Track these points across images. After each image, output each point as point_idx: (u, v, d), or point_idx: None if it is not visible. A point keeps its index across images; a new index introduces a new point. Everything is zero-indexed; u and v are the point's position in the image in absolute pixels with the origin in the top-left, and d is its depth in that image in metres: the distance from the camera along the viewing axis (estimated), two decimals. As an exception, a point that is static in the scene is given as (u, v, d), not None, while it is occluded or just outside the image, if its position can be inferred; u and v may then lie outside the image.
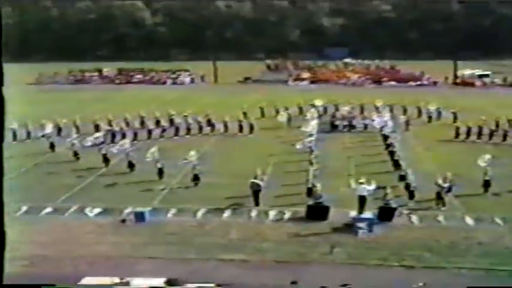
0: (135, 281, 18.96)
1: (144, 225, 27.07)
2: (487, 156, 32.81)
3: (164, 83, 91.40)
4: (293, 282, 18.63)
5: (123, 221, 27.54)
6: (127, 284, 18.69)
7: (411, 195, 29.76)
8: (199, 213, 28.50)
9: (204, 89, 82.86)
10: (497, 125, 46.17)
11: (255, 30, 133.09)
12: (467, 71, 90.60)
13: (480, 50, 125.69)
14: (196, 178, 33.27)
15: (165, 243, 24.97)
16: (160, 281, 19.52)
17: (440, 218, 27.72)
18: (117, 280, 18.79)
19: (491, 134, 45.06)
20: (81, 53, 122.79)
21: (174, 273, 20.98)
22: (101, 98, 70.39)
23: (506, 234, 25.83)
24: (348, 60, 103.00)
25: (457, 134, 45.70)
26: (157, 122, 48.96)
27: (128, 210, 28.53)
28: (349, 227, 26.30)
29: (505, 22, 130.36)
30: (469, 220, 27.47)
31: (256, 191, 29.90)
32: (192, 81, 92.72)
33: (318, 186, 29.26)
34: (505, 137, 44.55)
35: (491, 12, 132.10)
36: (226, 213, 28.58)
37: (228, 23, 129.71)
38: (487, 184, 31.40)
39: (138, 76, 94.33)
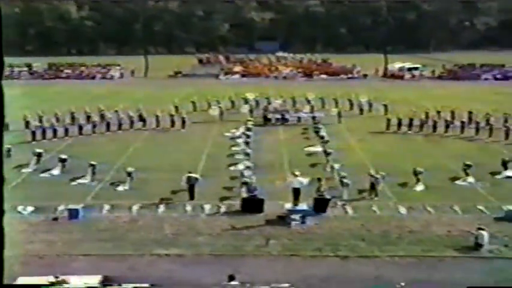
0: (71, 279, 18.51)
1: (78, 223, 26.42)
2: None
3: (93, 77, 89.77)
4: (230, 277, 18.45)
5: (56, 218, 26.83)
6: (62, 282, 18.22)
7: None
8: (134, 209, 28.03)
9: (134, 84, 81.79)
10: (427, 116, 47.10)
11: (183, 24, 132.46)
12: (397, 64, 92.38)
13: (407, 44, 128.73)
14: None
15: (100, 239, 24.43)
16: (96, 278, 19.12)
17: (375, 207, 28.09)
18: (52, 279, 18.30)
19: (421, 125, 45.97)
20: (8, 48, 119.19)
21: (110, 269, 20.66)
22: (30, 94, 68.50)
23: (436, 221, 26.38)
24: (280, 53, 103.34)
25: (388, 126, 46.40)
26: (88, 118, 47.96)
27: (61, 207, 27.83)
28: (284, 219, 26.35)
29: (428, 17, 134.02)
30: (402, 209, 27.92)
31: (192, 185, 29.68)
32: (122, 75, 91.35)
33: (253, 179, 29.32)
34: (434, 127, 45.51)
35: (415, 7, 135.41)
36: (161, 208, 28.20)
37: (156, 17, 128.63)
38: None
39: (67, 71, 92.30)
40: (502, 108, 48.31)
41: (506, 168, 33.58)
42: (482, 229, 23.53)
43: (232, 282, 18.25)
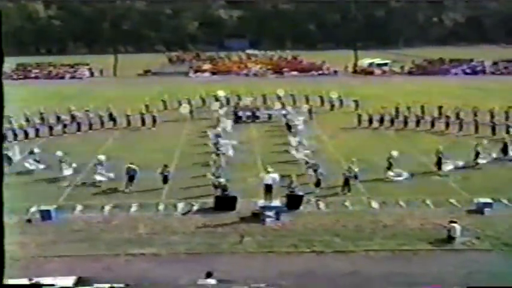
0: (45, 281, 18.19)
1: (51, 224, 26.10)
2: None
3: (62, 77, 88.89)
4: (208, 274, 18.31)
5: (29, 220, 26.44)
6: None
7: (318, 183, 30.01)
8: (106, 209, 27.78)
9: (103, 83, 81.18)
10: (397, 112, 47.41)
11: (152, 22, 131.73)
12: (366, 60, 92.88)
13: (376, 40, 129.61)
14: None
15: (74, 240, 24.14)
16: (70, 279, 18.85)
17: (347, 203, 28.18)
18: (25, 281, 17.96)
19: (392, 121, 46.24)
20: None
21: (84, 270, 20.38)
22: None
23: (409, 215, 26.56)
24: (250, 51, 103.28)
25: (360, 121, 46.60)
26: (58, 118, 47.43)
27: (34, 209, 27.43)
28: (258, 216, 26.29)
29: (397, 13, 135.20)
30: (374, 204, 28.06)
31: (131, 175, 30.04)
32: (91, 75, 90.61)
33: (221, 178, 29.11)
34: (405, 123, 45.82)
35: (384, 4, 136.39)
36: (134, 208, 27.98)
37: (125, 16, 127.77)
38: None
39: (36, 71, 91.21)
40: (471, 103, 48.81)
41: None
42: (455, 222, 23.79)
43: (209, 280, 18.11)
